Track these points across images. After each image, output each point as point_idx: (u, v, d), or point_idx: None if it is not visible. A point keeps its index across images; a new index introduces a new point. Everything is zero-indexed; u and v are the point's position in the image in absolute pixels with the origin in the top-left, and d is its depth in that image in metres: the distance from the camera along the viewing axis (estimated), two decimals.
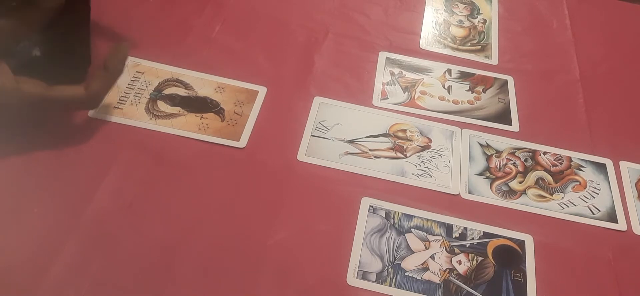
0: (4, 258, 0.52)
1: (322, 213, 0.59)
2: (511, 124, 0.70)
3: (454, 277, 0.55)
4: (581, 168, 0.66)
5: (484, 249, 0.58)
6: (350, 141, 0.66)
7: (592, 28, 0.86)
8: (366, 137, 0.66)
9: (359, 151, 0.65)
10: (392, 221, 0.59)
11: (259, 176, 0.61)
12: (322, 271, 0.54)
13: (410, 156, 0.65)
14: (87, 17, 0.62)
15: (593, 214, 0.62)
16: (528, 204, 0.62)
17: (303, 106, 0.69)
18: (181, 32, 0.76)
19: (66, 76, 0.58)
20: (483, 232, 0.59)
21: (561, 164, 0.67)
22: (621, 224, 0.61)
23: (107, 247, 0.54)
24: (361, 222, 0.58)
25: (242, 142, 0.64)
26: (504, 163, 0.66)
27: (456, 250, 0.57)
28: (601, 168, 0.67)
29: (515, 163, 0.66)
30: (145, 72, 0.70)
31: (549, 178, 0.65)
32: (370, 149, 0.65)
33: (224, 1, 0.82)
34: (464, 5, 0.89)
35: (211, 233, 0.56)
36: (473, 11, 0.88)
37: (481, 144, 0.68)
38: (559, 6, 0.89)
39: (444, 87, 0.74)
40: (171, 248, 0.54)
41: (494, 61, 0.79)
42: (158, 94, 0.68)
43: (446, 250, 0.57)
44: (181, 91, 0.68)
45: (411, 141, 0.67)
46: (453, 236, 0.58)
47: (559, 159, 0.67)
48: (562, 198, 0.63)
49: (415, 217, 0.59)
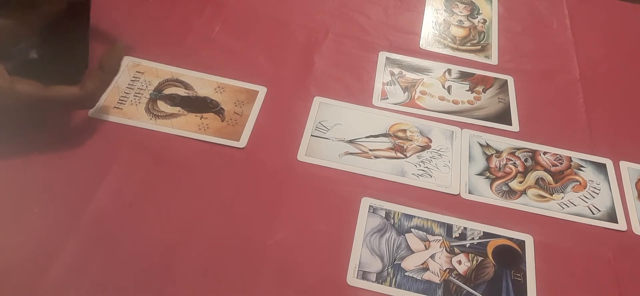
0: (4, 258, 0.51)
1: (322, 213, 0.59)
2: (511, 124, 0.70)
3: (454, 277, 0.55)
4: (581, 168, 0.66)
5: (484, 249, 0.58)
6: (350, 141, 0.66)
7: (592, 28, 0.86)
8: (366, 137, 0.66)
9: (359, 151, 0.65)
10: (392, 221, 0.59)
11: (259, 176, 0.61)
12: (322, 271, 0.54)
13: (410, 156, 0.65)
14: (87, 22, 0.62)
15: (593, 214, 0.62)
16: (528, 204, 0.62)
17: (303, 106, 0.69)
18: (181, 32, 0.76)
19: (62, 78, 0.58)
20: (483, 232, 0.59)
21: (561, 164, 0.67)
22: (621, 224, 0.61)
23: (107, 247, 0.54)
24: (361, 222, 0.58)
25: (242, 143, 0.64)
26: (504, 163, 0.66)
27: (456, 250, 0.57)
28: (601, 168, 0.67)
29: (515, 163, 0.66)
30: (145, 72, 0.70)
31: (549, 178, 0.65)
32: (370, 149, 0.65)
33: (224, 1, 0.82)
34: (464, 5, 0.89)
35: (211, 233, 0.56)
36: (473, 11, 0.88)
37: (481, 144, 0.68)
38: (559, 6, 0.89)
39: (444, 87, 0.74)
40: (171, 248, 0.54)
41: (494, 61, 0.79)
42: (158, 94, 0.68)
43: (446, 250, 0.57)
44: (181, 91, 0.68)
45: (411, 141, 0.67)
46: (453, 236, 0.58)
47: (559, 159, 0.67)
48: (562, 198, 0.63)
49: (415, 217, 0.59)
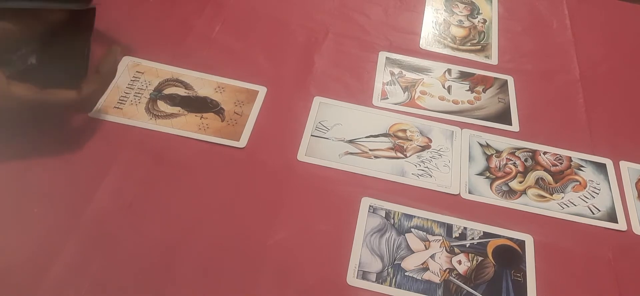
0: (4, 258, 0.52)
1: (322, 213, 0.59)
2: (511, 124, 0.70)
3: (454, 277, 0.55)
4: (581, 167, 0.66)
5: (484, 249, 0.58)
6: (350, 141, 0.66)
7: (592, 28, 0.86)
8: (366, 137, 0.66)
9: (359, 151, 0.65)
10: (392, 221, 0.59)
11: (259, 176, 0.61)
12: (322, 271, 0.54)
13: (410, 156, 0.65)
14: (90, 31, 0.62)
15: (593, 214, 0.62)
16: (528, 204, 0.62)
17: (303, 106, 0.69)
18: (181, 32, 0.76)
19: (60, 84, 0.57)
20: (483, 232, 0.59)
21: (561, 164, 0.67)
22: (621, 224, 0.61)
23: (107, 247, 0.54)
24: (361, 222, 0.58)
25: (242, 142, 0.64)
26: (504, 162, 0.66)
27: (456, 250, 0.57)
28: (601, 168, 0.67)
29: (515, 162, 0.66)
30: (145, 72, 0.70)
31: (549, 177, 0.65)
32: (370, 149, 0.65)
33: (224, 1, 0.82)
34: (464, 5, 0.89)
35: (211, 233, 0.56)
36: (473, 11, 0.88)
37: (481, 144, 0.68)
38: (559, 6, 0.89)
39: (444, 87, 0.74)
40: (171, 248, 0.54)
41: (494, 60, 0.79)
42: (158, 94, 0.68)
43: (446, 250, 0.57)
44: (181, 91, 0.68)
45: (411, 141, 0.67)
46: (453, 236, 0.58)
47: (559, 159, 0.67)
48: (562, 198, 0.63)
49: (415, 217, 0.59)
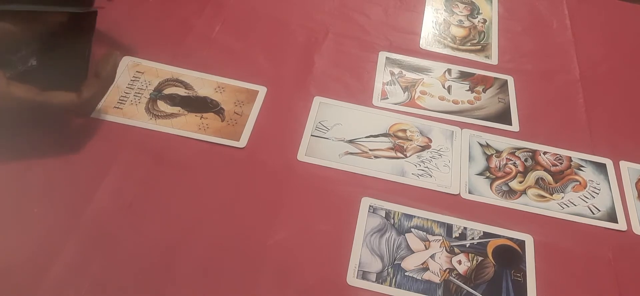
0: (4, 258, 0.51)
1: (322, 213, 0.59)
2: (511, 124, 0.70)
3: (454, 277, 0.55)
4: (581, 167, 0.66)
5: (484, 249, 0.58)
6: (350, 141, 0.66)
7: (592, 28, 0.86)
8: (366, 137, 0.66)
9: (359, 151, 0.65)
10: (392, 221, 0.59)
11: (259, 176, 0.61)
12: (322, 271, 0.54)
13: (410, 156, 0.65)
14: (90, 34, 0.62)
15: (593, 214, 0.62)
16: (528, 204, 0.62)
17: (303, 106, 0.69)
18: (181, 32, 0.76)
19: (60, 86, 0.57)
20: (483, 232, 0.59)
21: (561, 164, 0.67)
22: (621, 224, 0.61)
23: (107, 247, 0.54)
24: (361, 222, 0.58)
25: (242, 142, 0.64)
26: (504, 162, 0.66)
27: (456, 250, 0.57)
28: (601, 167, 0.67)
29: (515, 162, 0.66)
30: (145, 72, 0.70)
31: (549, 177, 0.65)
32: (370, 149, 0.65)
33: (224, 1, 0.82)
34: (464, 5, 0.89)
35: (211, 233, 0.56)
36: (473, 11, 0.88)
37: (481, 144, 0.68)
38: (559, 6, 0.89)
39: (444, 87, 0.74)
40: (171, 248, 0.54)
41: (494, 60, 0.79)
42: (158, 94, 0.68)
43: (446, 250, 0.57)
44: (181, 91, 0.68)
45: (411, 141, 0.67)
46: (453, 236, 0.58)
47: (559, 159, 0.67)
48: (562, 198, 0.63)
49: (415, 217, 0.59)
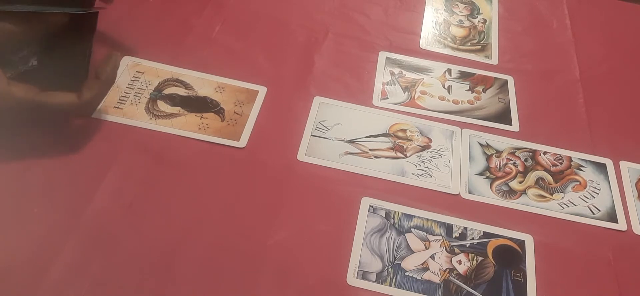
0: (4, 258, 0.52)
1: (322, 213, 0.59)
2: (511, 124, 0.70)
3: (454, 277, 0.55)
4: (581, 167, 0.66)
5: (484, 249, 0.58)
6: (350, 141, 0.66)
7: (592, 28, 0.86)
8: (366, 137, 0.66)
9: (359, 151, 0.65)
10: (392, 221, 0.59)
11: (259, 176, 0.61)
12: (322, 271, 0.54)
13: (410, 156, 0.65)
14: (91, 35, 0.62)
15: (593, 214, 0.62)
16: (528, 204, 0.62)
17: (303, 106, 0.69)
18: (181, 32, 0.76)
19: (61, 87, 0.57)
20: (483, 232, 0.59)
21: (561, 164, 0.67)
22: (621, 224, 0.61)
23: (107, 247, 0.54)
24: (361, 222, 0.58)
25: (242, 142, 0.64)
26: (504, 162, 0.66)
27: (456, 250, 0.57)
28: (601, 167, 0.67)
29: (515, 162, 0.66)
30: (145, 72, 0.70)
31: (549, 177, 0.65)
32: (370, 149, 0.65)
33: (224, 1, 0.82)
34: (464, 5, 0.89)
35: (211, 233, 0.56)
36: (473, 11, 0.88)
37: (481, 144, 0.68)
38: (559, 6, 0.89)
39: (444, 87, 0.74)
40: (171, 248, 0.54)
41: (494, 60, 0.79)
42: (158, 94, 0.68)
43: (446, 250, 0.57)
44: (181, 91, 0.68)
45: (411, 141, 0.67)
46: (453, 236, 0.58)
47: (559, 159, 0.67)
48: (562, 197, 0.63)
49: (415, 217, 0.59)
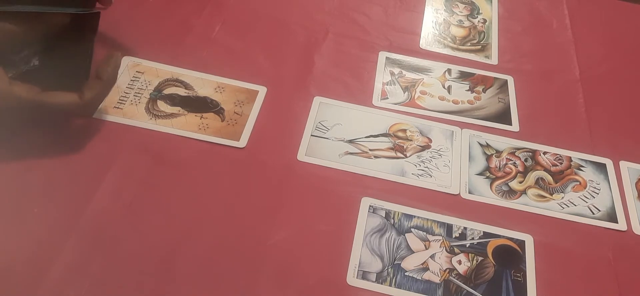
0: (4, 258, 0.51)
1: (322, 213, 0.59)
2: (511, 124, 0.70)
3: (454, 277, 0.55)
4: (581, 167, 0.66)
5: (484, 249, 0.58)
6: (350, 141, 0.66)
7: (592, 28, 0.86)
8: (366, 137, 0.66)
9: (359, 151, 0.65)
10: (392, 221, 0.59)
11: (259, 176, 0.61)
12: (322, 271, 0.54)
13: (410, 156, 0.65)
14: (93, 35, 0.62)
15: (593, 214, 0.62)
16: (528, 204, 0.62)
17: (303, 106, 0.69)
18: (181, 32, 0.76)
19: (62, 87, 0.57)
20: (483, 232, 0.59)
21: (561, 164, 0.67)
22: (621, 224, 0.61)
23: (107, 247, 0.54)
24: (361, 222, 0.58)
25: (242, 142, 0.64)
26: (504, 162, 0.66)
27: (456, 250, 0.57)
28: (601, 167, 0.67)
29: (515, 162, 0.66)
30: (145, 72, 0.70)
31: (549, 177, 0.65)
32: (370, 149, 0.65)
33: (224, 1, 0.82)
34: (464, 5, 0.89)
35: (211, 233, 0.56)
36: (473, 11, 0.88)
37: (481, 144, 0.68)
38: (559, 6, 0.89)
39: (444, 87, 0.74)
40: (171, 248, 0.54)
41: (494, 60, 0.79)
42: (158, 94, 0.68)
43: (446, 250, 0.57)
44: (181, 91, 0.68)
45: (411, 141, 0.67)
46: (453, 236, 0.58)
47: (559, 159, 0.67)
48: (562, 198, 0.63)
49: (415, 217, 0.59)
